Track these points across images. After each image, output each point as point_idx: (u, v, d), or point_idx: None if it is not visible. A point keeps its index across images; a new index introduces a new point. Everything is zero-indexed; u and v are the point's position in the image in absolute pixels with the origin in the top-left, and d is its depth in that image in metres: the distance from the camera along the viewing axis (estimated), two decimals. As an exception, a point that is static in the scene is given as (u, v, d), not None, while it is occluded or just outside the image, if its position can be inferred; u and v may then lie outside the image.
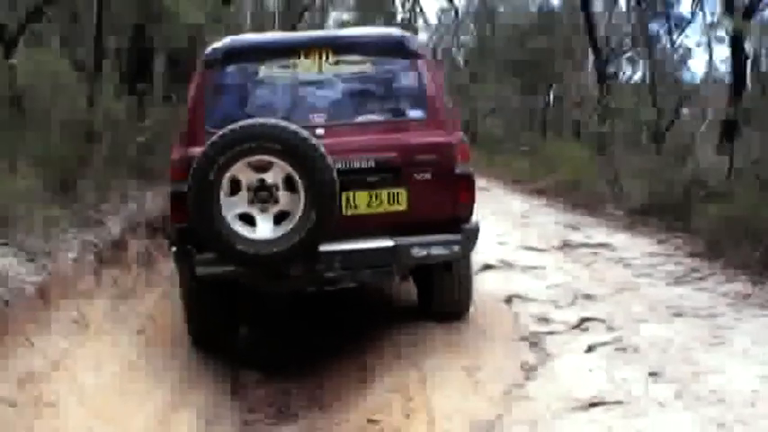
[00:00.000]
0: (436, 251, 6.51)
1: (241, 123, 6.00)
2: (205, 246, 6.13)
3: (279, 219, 6.09)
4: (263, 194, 6.04)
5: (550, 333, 7.19)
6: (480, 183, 19.78)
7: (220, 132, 5.95)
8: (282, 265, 6.22)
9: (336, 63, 6.76)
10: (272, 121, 6.09)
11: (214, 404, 6.60)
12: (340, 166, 6.16)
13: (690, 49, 36.95)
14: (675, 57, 32.40)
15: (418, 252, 6.46)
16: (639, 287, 8.84)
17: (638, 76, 37.86)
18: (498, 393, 5.93)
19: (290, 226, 6.02)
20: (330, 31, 7.93)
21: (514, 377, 6.22)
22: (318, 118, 6.60)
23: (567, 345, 6.86)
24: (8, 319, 4.88)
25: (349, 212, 6.39)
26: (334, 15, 51.40)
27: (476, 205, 6.87)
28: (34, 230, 6.13)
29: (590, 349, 6.65)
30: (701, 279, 9.09)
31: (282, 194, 6.07)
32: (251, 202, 6.06)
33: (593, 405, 5.48)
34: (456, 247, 6.58)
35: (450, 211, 6.60)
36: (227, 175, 5.95)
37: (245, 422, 6.44)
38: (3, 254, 5.50)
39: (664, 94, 23.21)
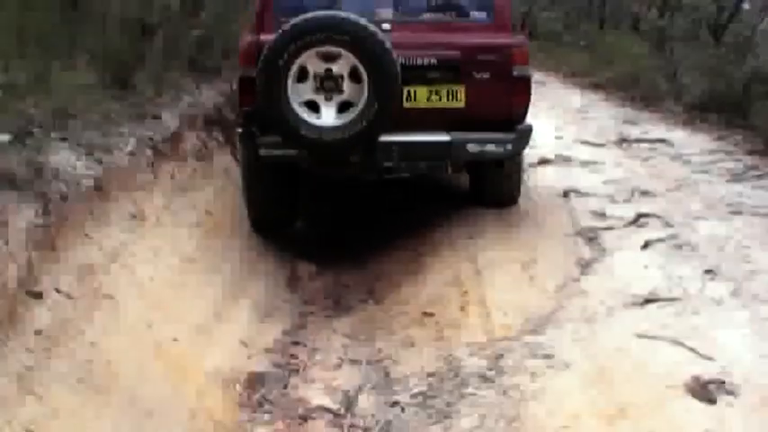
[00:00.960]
0: (490, 148, 6.71)
1: (313, 14, 6.18)
2: (270, 129, 6.40)
3: (342, 108, 6.30)
4: (329, 83, 6.25)
5: (607, 228, 7.13)
6: (537, 77, 19.56)
7: (293, 21, 6.12)
8: (343, 151, 6.50)
9: None
10: (343, 13, 6.23)
11: (270, 296, 6.70)
12: (403, 61, 6.34)
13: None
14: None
15: (473, 148, 6.67)
16: (697, 184, 8.74)
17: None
18: (553, 288, 5.95)
19: (353, 115, 6.23)
20: None
21: (570, 272, 6.22)
22: (386, 13, 6.87)
23: (623, 240, 6.81)
24: (66, 213, 4.90)
25: (409, 106, 6.59)
26: None
27: (530, 105, 6.98)
28: (91, 126, 6.14)
29: (646, 245, 6.61)
30: (759, 177, 8.96)
31: (347, 85, 6.26)
32: (317, 90, 6.27)
33: (649, 301, 5.48)
34: (509, 146, 6.77)
35: (505, 111, 6.77)
36: (297, 62, 6.16)
37: (301, 314, 6.52)
38: (60, 149, 5.53)
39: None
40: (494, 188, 7.69)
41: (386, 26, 6.61)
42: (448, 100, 6.68)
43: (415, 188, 8.66)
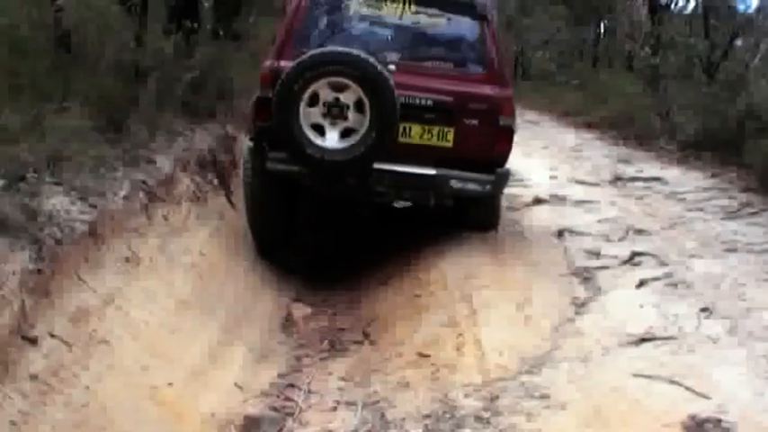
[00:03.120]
0: (470, 186, 7.49)
1: (330, 48, 7.14)
2: (278, 146, 7.16)
3: (345, 133, 7.06)
4: (335, 111, 7.03)
5: (602, 268, 7.16)
6: (531, 116, 19.77)
7: (311, 52, 7.01)
8: (341, 172, 7.28)
9: (416, 12, 7.73)
10: (356, 51, 7.00)
11: (265, 339, 6.69)
12: (403, 100, 7.10)
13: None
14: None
15: (455, 184, 7.47)
16: (692, 222, 8.80)
17: (690, 8, 37.36)
18: (549, 328, 5.92)
19: (353, 141, 7.02)
20: None
21: (565, 312, 6.21)
22: (393, 56, 7.56)
23: (618, 279, 6.84)
24: (60, 258, 4.89)
25: (404, 140, 7.31)
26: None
27: (526, 145, 7.30)
28: (85, 170, 6.14)
29: (641, 284, 6.63)
30: (754, 214, 9.03)
31: (352, 114, 7.04)
32: (324, 115, 7.04)
33: (644, 340, 5.48)
34: (488, 186, 7.54)
35: (488, 155, 7.56)
36: (310, 89, 6.94)
37: (297, 356, 6.49)
38: (54, 193, 5.53)
39: (717, 25, 22.75)
40: (475, 216, 8.33)
41: (392, 67, 7.32)
42: (438, 139, 7.42)
43: (410, 226, 8.76)
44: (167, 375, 5.16)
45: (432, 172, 7.43)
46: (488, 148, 7.53)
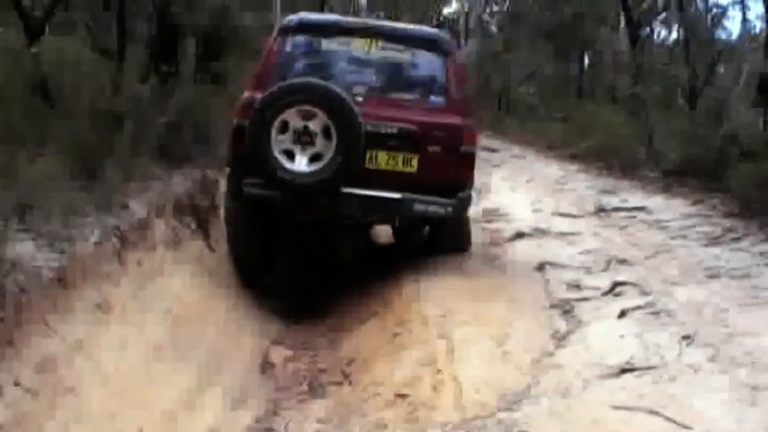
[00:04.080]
0: (433, 209, 7.92)
1: (298, 79, 7.68)
2: (253, 171, 7.61)
3: (313, 158, 7.54)
4: (304, 137, 7.52)
5: (582, 299, 7.09)
6: (516, 151, 19.81)
7: (280, 84, 7.57)
8: (310, 195, 7.68)
9: (383, 48, 8.26)
10: (323, 82, 7.60)
11: (242, 383, 6.59)
12: (369, 128, 7.60)
13: (724, 8, 36.55)
14: (709, 16, 31.97)
15: (418, 207, 7.89)
16: (674, 249, 8.75)
17: (672, 38, 37.57)
18: (528, 362, 5.82)
19: (321, 165, 7.49)
20: (382, 22, 10.21)
21: (544, 345, 6.11)
22: (360, 88, 8.05)
23: (598, 311, 6.76)
24: (25, 306, 4.81)
25: (370, 166, 7.83)
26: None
27: (512, 179, 7.31)
28: (55, 216, 6.07)
29: (622, 314, 6.55)
30: (736, 239, 8.97)
31: (319, 140, 7.52)
32: (294, 141, 7.53)
33: (625, 371, 5.38)
34: (449, 209, 7.98)
35: (450, 180, 8.01)
36: (280, 117, 7.44)
37: (275, 400, 6.39)
38: (21, 240, 5.45)
39: (698, 53, 22.86)
40: (446, 239, 8.87)
41: (359, 98, 7.84)
42: (403, 165, 7.90)
43: (388, 265, 8.68)
44: (138, 422, 5.08)
45: (397, 196, 7.84)
46: (450, 174, 7.99)
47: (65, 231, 5.94)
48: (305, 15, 8.93)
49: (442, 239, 8.91)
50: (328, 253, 10.23)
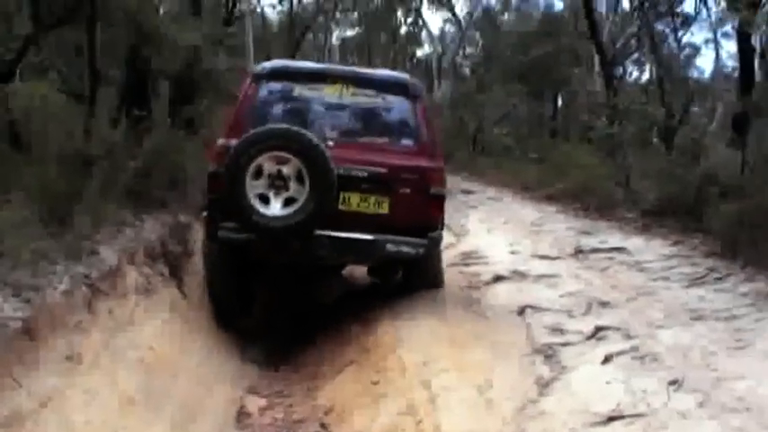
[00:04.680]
0: (405, 249, 8.11)
1: (270, 126, 7.86)
2: (229, 216, 7.79)
3: (287, 202, 7.71)
4: (278, 182, 7.69)
5: (565, 344, 6.95)
6: (491, 192, 19.75)
7: (254, 131, 7.72)
8: (285, 237, 7.80)
9: (354, 94, 8.50)
10: (295, 128, 7.76)
11: (217, 436, 6.38)
12: (341, 171, 7.79)
13: (697, 48, 36.87)
14: (682, 56, 32.24)
15: (391, 247, 8.08)
16: (656, 291, 8.65)
17: (645, 77, 37.81)
18: (511, 411, 5.67)
19: (295, 208, 7.66)
20: (353, 68, 10.34)
21: (528, 393, 5.96)
22: (332, 132, 8.31)
23: (582, 356, 6.62)
24: (-11, 360, 4.63)
25: (343, 208, 8.01)
26: (336, 33, 51.49)
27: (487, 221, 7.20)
28: (22, 264, 5.88)
29: (606, 360, 6.43)
30: (719, 279, 8.88)
31: (293, 184, 7.70)
32: (268, 186, 7.69)
33: (613, 419, 5.27)
34: (421, 249, 8.17)
35: (421, 221, 8.20)
36: (254, 162, 7.60)
37: (250, 454, 6.21)
38: (-15, 290, 5.28)
39: (672, 93, 22.97)
40: (419, 278, 8.96)
41: (330, 143, 8.03)
42: (375, 207, 8.08)
43: (364, 308, 8.63)
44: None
45: (369, 237, 8.03)
46: (421, 215, 8.19)
47: (31, 280, 5.75)
48: (278, 62, 9.45)
49: (415, 279, 9.00)
50: (304, 295, 10.32)
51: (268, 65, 8.90)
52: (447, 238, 12.48)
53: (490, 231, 13.78)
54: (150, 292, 7.72)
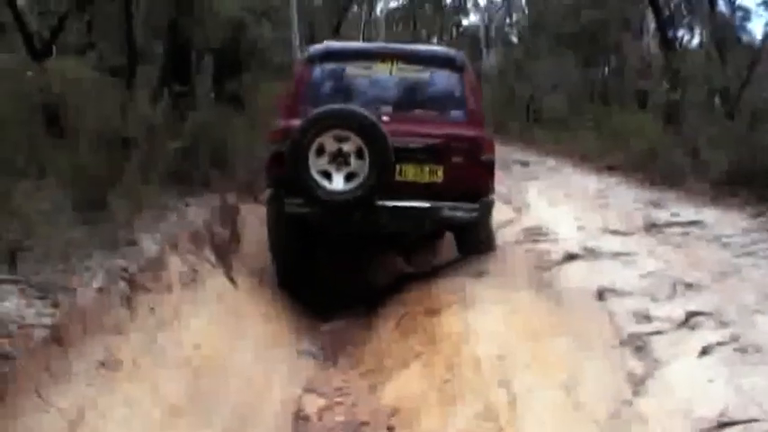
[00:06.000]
0: (459, 214, 8.56)
1: (330, 107, 8.20)
2: (293, 192, 8.22)
3: (349, 177, 8.15)
4: (339, 159, 8.10)
5: (655, 333, 6.22)
6: (550, 163, 19.13)
7: (315, 111, 8.10)
8: (348, 210, 8.25)
9: (403, 70, 8.91)
10: (353, 107, 8.23)
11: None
12: (397, 144, 8.13)
13: (748, 11, 35.96)
14: (736, 18, 31.36)
15: (446, 213, 8.52)
16: (743, 270, 7.88)
17: (695, 42, 36.95)
18: (604, 415, 5.01)
19: (356, 183, 8.11)
20: (401, 45, 10.84)
21: (621, 392, 5.30)
22: (386, 108, 8.65)
23: (676, 347, 5.90)
24: (11, 375, 4.01)
25: (400, 179, 8.38)
26: (381, 5, 50.85)
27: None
28: (52, 259, 5.31)
29: (705, 352, 5.69)
30: (810, 257, 8.10)
31: (354, 160, 8.13)
32: (330, 162, 8.12)
33: (724, 425, 4.57)
34: (474, 213, 8.63)
35: (473, 187, 8.66)
36: (317, 141, 8.02)
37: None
38: (8, 293, 4.67)
39: (729, 57, 22.08)
40: (472, 243, 9.45)
41: (385, 118, 8.41)
42: (430, 176, 8.48)
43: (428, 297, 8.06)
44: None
45: (426, 204, 8.47)
46: (473, 181, 8.64)
47: (62, 278, 5.16)
48: (329, 44, 9.91)
49: (468, 243, 9.49)
50: (359, 276, 10.33)
51: (320, 47, 9.40)
52: (508, 212, 11.97)
53: (553, 204, 13.08)
54: (196, 283, 7.19)
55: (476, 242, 9.47)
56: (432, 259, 10.42)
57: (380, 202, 8.33)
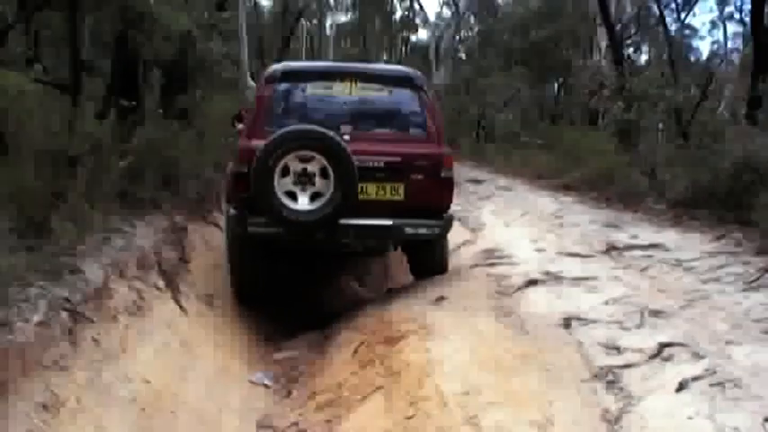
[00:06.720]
0: (422, 231, 8.75)
1: (295, 127, 8.29)
2: (256, 211, 8.29)
3: (314, 197, 8.28)
4: (304, 179, 8.24)
5: (627, 366, 5.95)
6: (503, 182, 18.88)
7: (279, 132, 8.18)
8: (312, 230, 8.35)
9: (363, 89, 9.01)
10: (317, 127, 8.26)
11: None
12: (358, 163, 8.26)
13: (696, 30, 36.51)
14: (683, 38, 31.72)
15: (409, 230, 8.70)
16: (711, 296, 7.66)
17: (643, 59, 37.32)
18: (582, 458, 4.71)
19: (321, 203, 8.24)
20: (360, 64, 11.04)
21: (597, 431, 4.99)
22: (346, 127, 8.76)
23: (650, 381, 5.64)
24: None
25: (362, 197, 8.53)
26: (330, 19, 50.71)
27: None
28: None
29: (681, 387, 5.42)
30: (777, 281, 7.87)
31: (318, 180, 8.26)
32: (295, 183, 8.25)
33: (709, 470, 4.29)
34: (437, 230, 8.86)
35: (434, 203, 8.90)
36: (282, 162, 8.13)
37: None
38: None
39: (680, 77, 22.12)
40: (426, 264, 9.79)
41: (346, 137, 8.53)
42: (391, 194, 8.67)
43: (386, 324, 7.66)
44: None
45: (388, 222, 8.65)
46: (434, 198, 8.86)
47: (-1, 311, 4.77)
48: (288, 64, 10.02)
49: (423, 263, 9.82)
50: (313, 301, 10.41)
51: (280, 67, 9.39)
52: (462, 233, 11.74)
53: (508, 225, 12.85)
54: (143, 311, 6.85)
55: (430, 263, 9.74)
56: (386, 283, 10.47)
57: (344, 221, 8.44)
